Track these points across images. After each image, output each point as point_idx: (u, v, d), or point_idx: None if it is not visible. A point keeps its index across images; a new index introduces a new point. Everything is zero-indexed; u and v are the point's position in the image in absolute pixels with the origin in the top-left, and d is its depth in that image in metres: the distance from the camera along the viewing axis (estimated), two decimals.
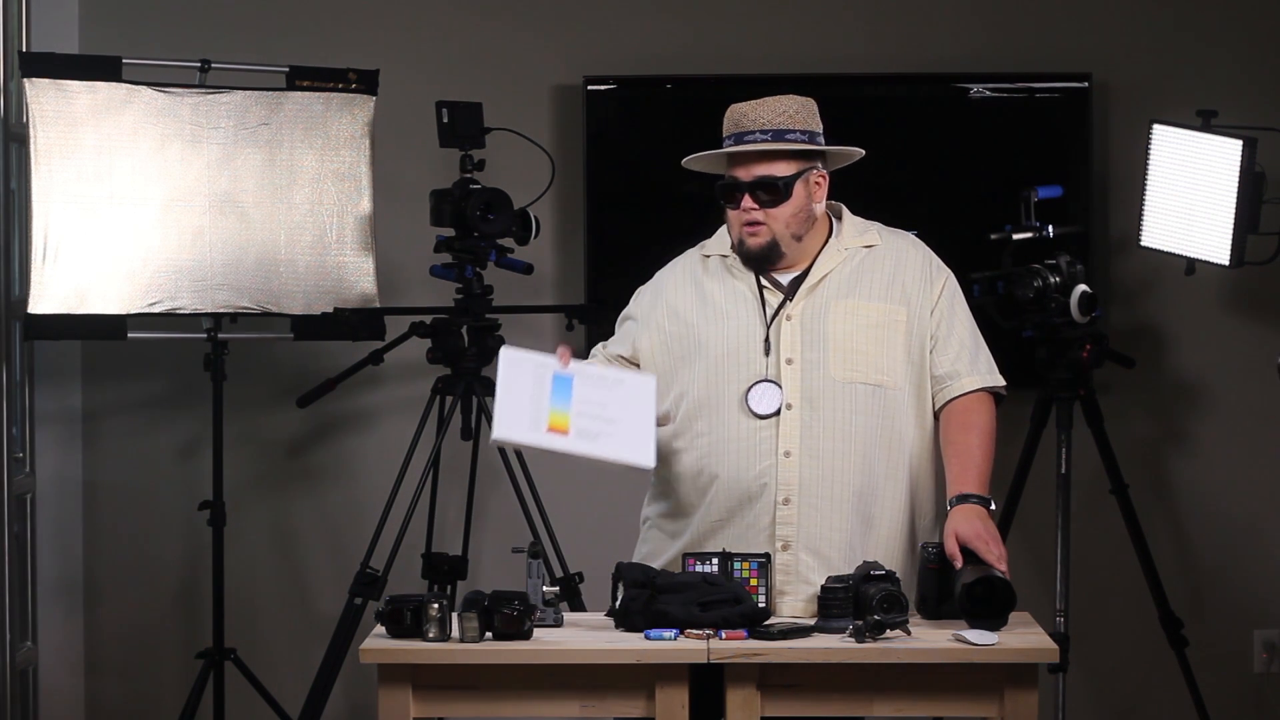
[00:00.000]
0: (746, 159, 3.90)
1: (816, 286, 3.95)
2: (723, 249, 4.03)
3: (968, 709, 3.60)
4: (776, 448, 3.88)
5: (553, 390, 3.80)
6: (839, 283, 3.95)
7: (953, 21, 5.86)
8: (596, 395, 3.82)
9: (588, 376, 3.85)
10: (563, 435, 3.78)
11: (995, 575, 3.66)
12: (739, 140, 3.91)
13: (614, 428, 3.81)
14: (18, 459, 5.41)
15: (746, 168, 3.90)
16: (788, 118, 3.91)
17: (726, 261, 4.00)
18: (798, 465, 3.87)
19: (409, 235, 5.61)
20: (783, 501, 3.87)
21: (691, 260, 4.07)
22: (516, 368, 3.82)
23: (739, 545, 3.85)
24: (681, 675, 3.55)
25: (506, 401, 3.77)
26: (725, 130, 3.95)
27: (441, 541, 5.52)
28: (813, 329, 3.91)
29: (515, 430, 3.77)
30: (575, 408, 3.80)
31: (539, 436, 3.77)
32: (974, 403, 3.96)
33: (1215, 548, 5.87)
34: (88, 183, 5.21)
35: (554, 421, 3.78)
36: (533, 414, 3.77)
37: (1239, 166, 5.25)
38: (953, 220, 5.65)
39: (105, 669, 5.86)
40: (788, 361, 3.90)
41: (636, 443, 3.81)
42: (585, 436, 3.78)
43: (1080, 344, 5.21)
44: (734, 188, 3.91)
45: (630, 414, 3.83)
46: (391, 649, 3.59)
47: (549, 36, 5.86)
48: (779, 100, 3.93)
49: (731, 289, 3.98)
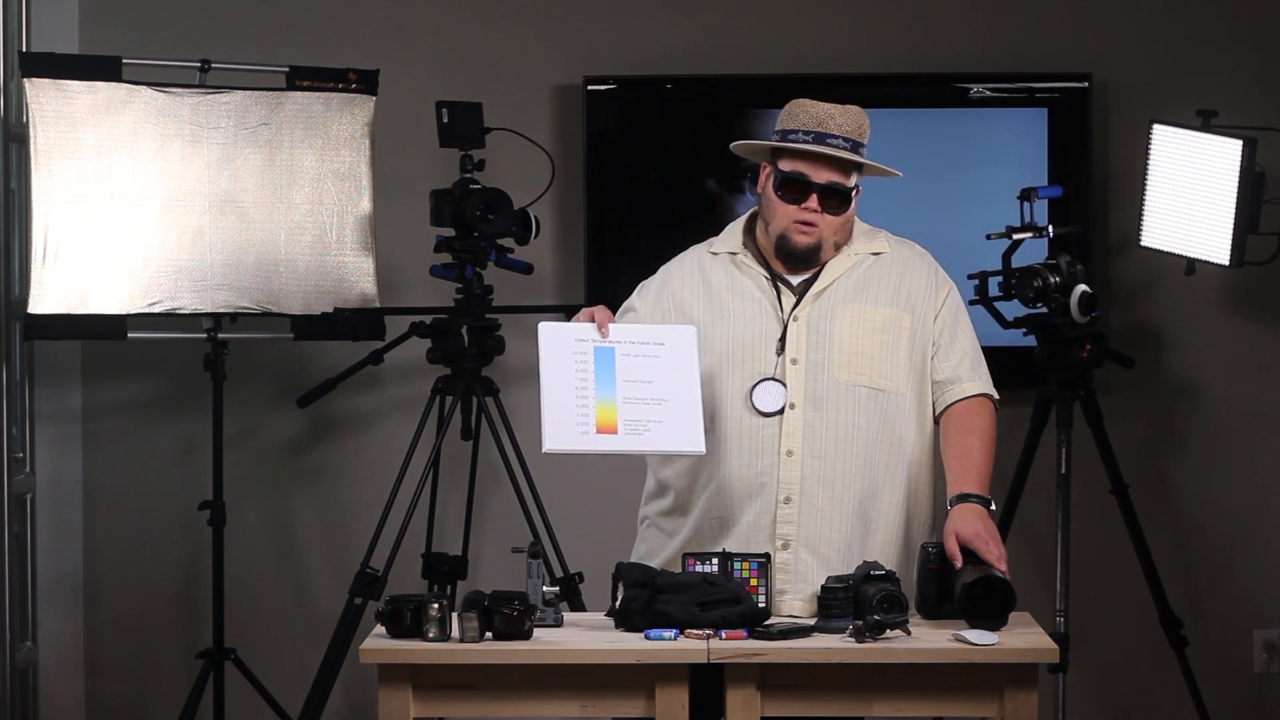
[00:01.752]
0: (821, 161, 3.89)
1: (825, 290, 3.95)
2: (731, 246, 4.03)
3: (968, 709, 3.60)
4: (779, 446, 3.88)
5: (596, 370, 3.82)
6: (846, 288, 3.96)
7: (953, 21, 5.86)
8: (641, 371, 3.84)
9: (629, 344, 3.86)
10: (612, 435, 3.80)
11: (995, 575, 3.66)
12: (819, 140, 3.89)
13: (662, 411, 3.82)
14: (18, 459, 5.40)
15: (819, 169, 3.89)
16: (861, 131, 3.94)
17: (735, 259, 4.01)
18: (799, 464, 3.87)
19: (409, 235, 5.61)
20: (784, 500, 3.87)
21: (699, 256, 4.07)
22: (557, 343, 3.82)
23: (739, 543, 3.85)
24: (681, 675, 3.55)
25: (552, 400, 3.78)
26: (795, 123, 3.92)
27: (441, 541, 5.52)
28: (819, 331, 3.92)
29: (566, 438, 3.77)
30: (621, 392, 3.81)
31: (590, 441, 3.79)
32: (975, 406, 3.96)
33: (1215, 548, 5.87)
34: (88, 183, 5.21)
35: (602, 418, 3.80)
36: (579, 413, 3.79)
37: (1239, 166, 5.25)
38: (953, 220, 5.65)
39: (105, 669, 5.85)
40: (793, 362, 3.91)
41: (686, 427, 3.82)
42: (635, 432, 3.80)
43: (1080, 344, 5.21)
44: (804, 185, 3.90)
45: (676, 388, 3.83)
46: (391, 649, 3.59)
47: (549, 36, 5.86)
48: (858, 111, 3.95)
49: (740, 286, 3.98)
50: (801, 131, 3.91)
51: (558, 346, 3.85)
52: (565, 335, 3.87)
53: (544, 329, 3.87)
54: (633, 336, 3.89)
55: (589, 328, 3.88)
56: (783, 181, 3.92)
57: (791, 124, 3.93)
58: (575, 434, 3.78)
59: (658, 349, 3.88)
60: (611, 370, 3.84)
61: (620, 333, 3.88)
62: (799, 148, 3.90)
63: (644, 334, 3.91)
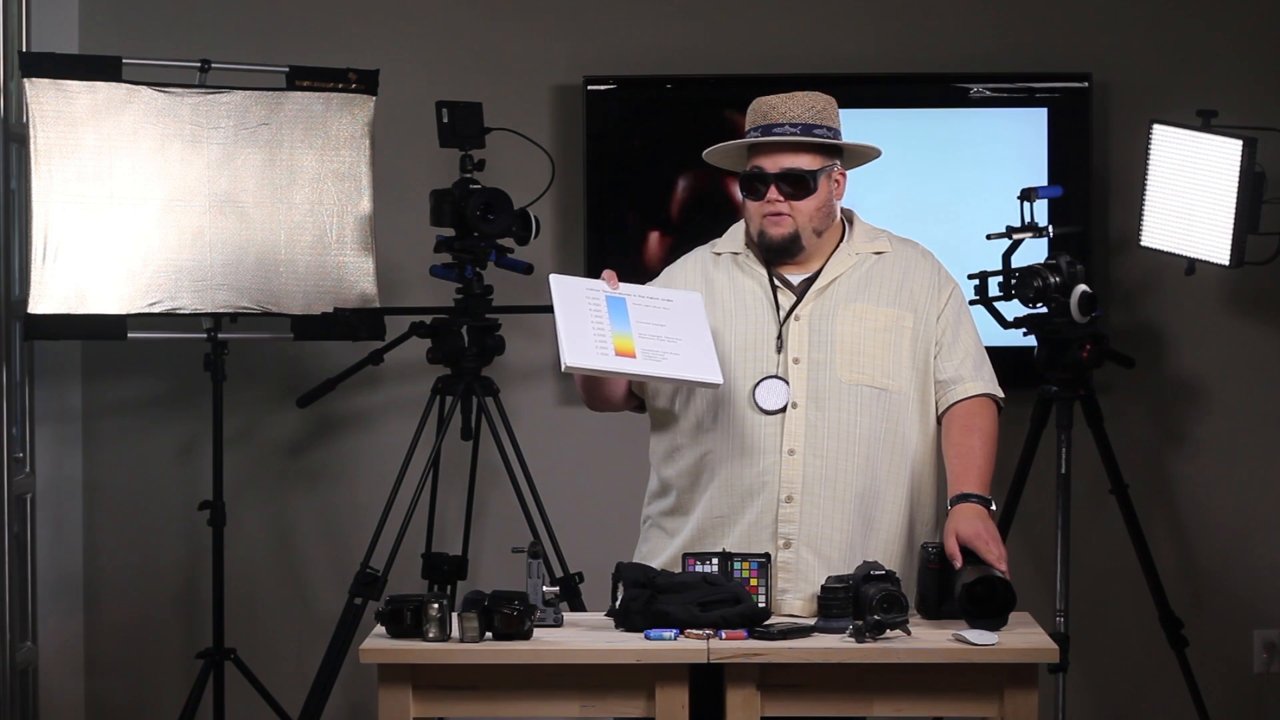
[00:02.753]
0: (773, 151, 3.92)
1: (826, 289, 3.96)
2: (734, 247, 4.04)
3: (968, 709, 3.60)
4: (781, 445, 3.88)
5: (610, 312, 3.84)
6: (849, 287, 3.96)
7: (953, 21, 5.86)
8: (652, 316, 3.87)
9: (639, 297, 3.90)
10: (630, 358, 3.80)
11: (995, 575, 3.66)
12: (766, 132, 3.93)
13: (677, 347, 3.84)
14: (18, 459, 5.40)
15: (773, 159, 3.92)
16: (815, 113, 3.95)
17: (738, 259, 4.01)
18: (801, 463, 3.87)
19: (409, 235, 5.61)
20: (785, 499, 3.87)
21: (702, 257, 4.08)
22: (569, 290, 3.85)
23: (740, 542, 3.86)
24: (681, 675, 3.55)
25: (569, 327, 3.80)
26: (750, 123, 3.97)
27: (441, 541, 5.52)
28: (821, 330, 3.92)
29: (585, 356, 3.77)
30: (636, 329, 3.83)
31: (609, 360, 3.79)
32: (977, 407, 3.97)
33: (1215, 548, 5.87)
34: (88, 183, 5.21)
35: (619, 345, 3.81)
36: (597, 338, 3.80)
37: (1239, 166, 5.25)
38: (953, 220, 5.66)
39: (105, 669, 5.85)
40: (795, 361, 3.91)
41: (702, 361, 3.83)
42: (652, 358, 3.81)
43: (1080, 344, 5.21)
44: (759, 179, 3.92)
45: (688, 332, 3.86)
46: (391, 649, 3.59)
47: (549, 36, 5.86)
48: (806, 96, 3.97)
49: (742, 286, 3.99)
50: (753, 130, 3.96)
51: (570, 291, 3.88)
52: (576, 284, 3.91)
53: (555, 279, 3.90)
54: (641, 292, 3.93)
55: (598, 281, 3.92)
56: (743, 182, 3.96)
57: (749, 120, 3.99)
58: (594, 353, 3.78)
59: (666, 304, 3.92)
60: (625, 314, 3.86)
61: (629, 288, 3.92)
62: (746, 142, 3.94)
63: (652, 292, 3.95)
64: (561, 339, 3.79)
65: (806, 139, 3.92)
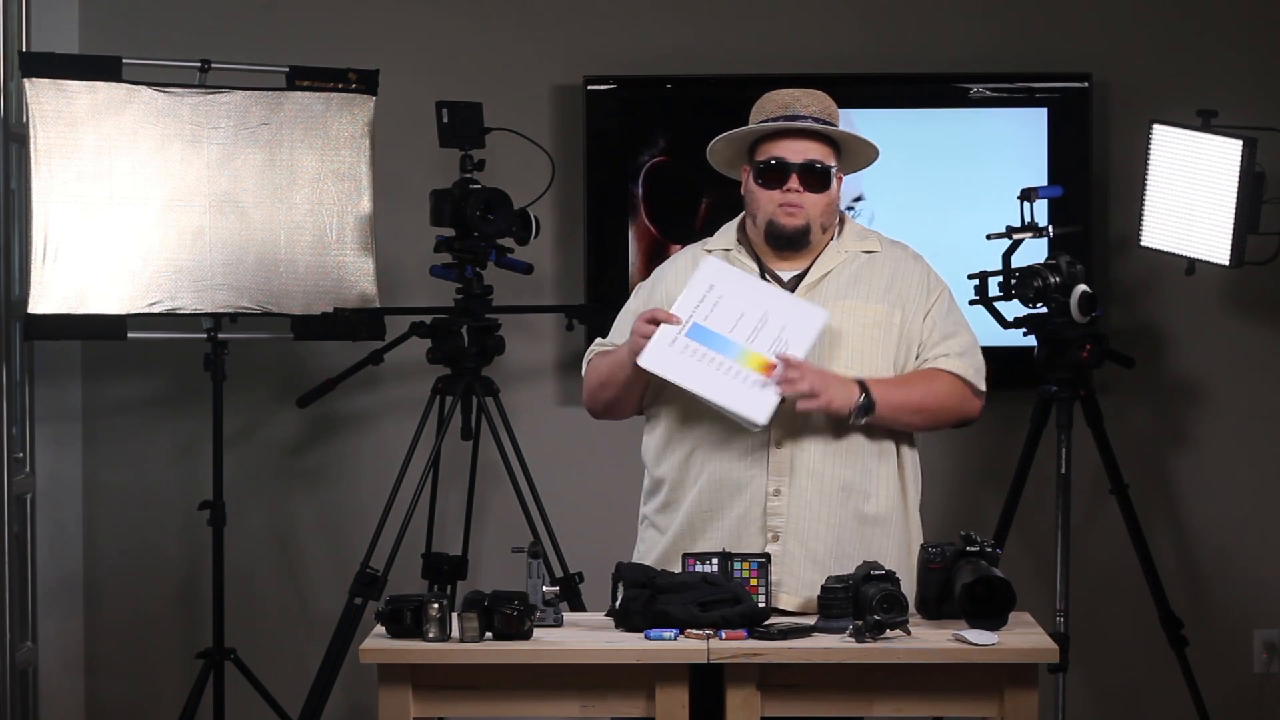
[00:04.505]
0: (795, 142, 3.94)
1: (818, 285, 3.97)
2: (725, 244, 4.05)
3: (968, 709, 3.60)
4: (769, 440, 3.89)
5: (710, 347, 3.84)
6: (839, 283, 3.97)
7: (953, 21, 5.86)
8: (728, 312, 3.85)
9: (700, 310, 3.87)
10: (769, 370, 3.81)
11: (995, 575, 3.66)
12: (792, 121, 3.95)
13: (774, 320, 3.84)
14: (18, 459, 5.40)
15: (797, 150, 3.94)
16: (831, 113, 4.00)
17: (729, 255, 4.02)
18: (789, 457, 3.88)
19: (409, 235, 5.61)
20: (773, 493, 3.88)
21: (693, 255, 4.09)
22: (664, 359, 3.84)
23: (729, 536, 3.86)
24: (681, 675, 3.55)
25: (721, 396, 3.82)
26: (768, 112, 3.99)
27: (441, 541, 5.52)
28: None
29: (762, 403, 3.80)
30: (740, 338, 3.84)
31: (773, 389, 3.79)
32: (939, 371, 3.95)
33: (1215, 548, 5.87)
34: (88, 183, 5.21)
35: (756, 366, 3.81)
36: (744, 382, 3.81)
37: (1239, 166, 5.25)
38: (953, 220, 5.65)
39: (105, 669, 5.86)
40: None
41: (800, 311, 3.86)
42: (785, 346, 3.81)
43: (1080, 344, 5.21)
44: (781, 168, 3.93)
45: (758, 298, 3.87)
46: (391, 649, 3.59)
47: (549, 36, 5.86)
48: (822, 94, 4.02)
49: None
50: (771, 119, 3.97)
51: (668, 360, 3.85)
52: (660, 348, 3.85)
53: (646, 360, 3.85)
54: (691, 303, 3.89)
55: (665, 329, 3.87)
56: (762, 170, 3.95)
57: (762, 115, 4.00)
58: (762, 395, 3.79)
59: (713, 292, 3.89)
60: (714, 335, 3.85)
61: (683, 309, 3.88)
62: (773, 126, 3.95)
63: (693, 295, 3.90)
64: (730, 410, 3.82)
65: (829, 128, 3.96)
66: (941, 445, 5.68)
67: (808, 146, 3.95)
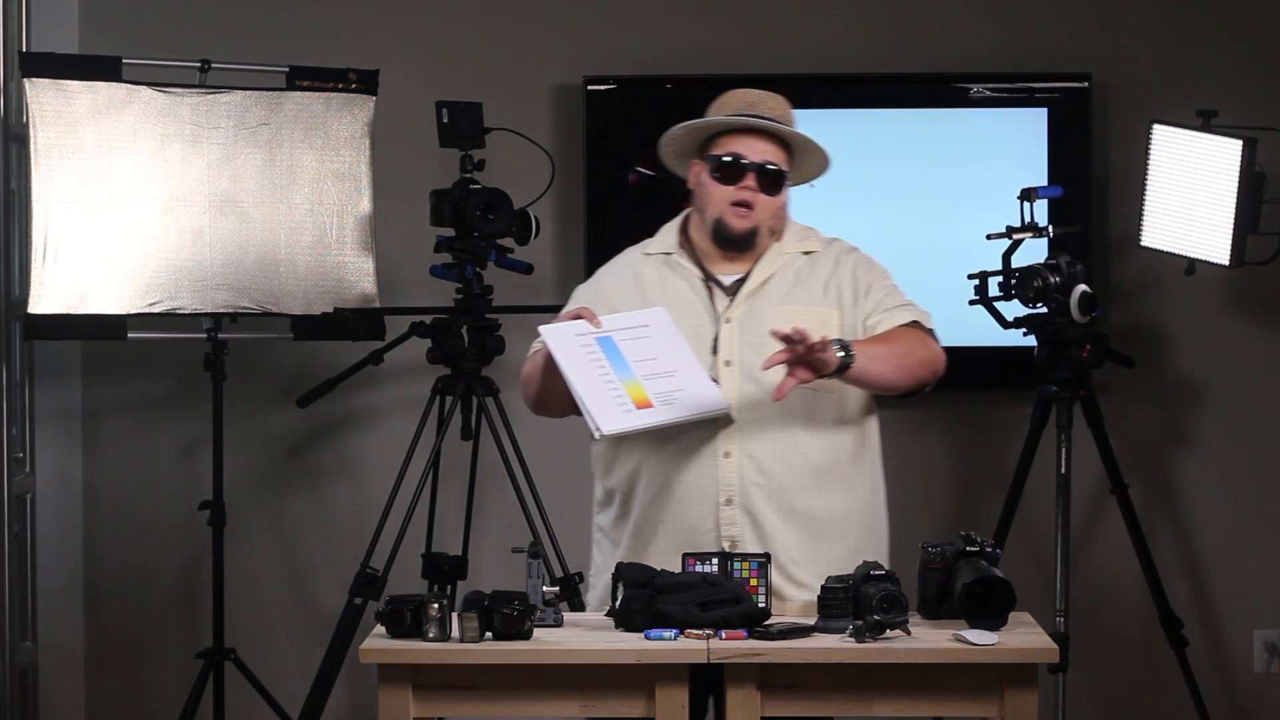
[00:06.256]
0: (754, 142, 3.92)
1: (759, 290, 3.95)
2: (665, 247, 4.02)
3: (968, 709, 3.60)
4: (716, 448, 3.88)
5: (608, 358, 3.85)
6: (780, 288, 3.95)
7: (953, 21, 5.86)
8: (643, 350, 3.87)
9: (622, 332, 3.89)
10: (650, 410, 3.82)
11: (995, 575, 3.66)
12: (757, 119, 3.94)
13: (678, 380, 3.84)
14: (18, 459, 5.40)
15: (755, 149, 3.93)
16: (790, 118, 4.00)
17: (669, 259, 4.00)
18: (738, 466, 3.87)
19: (409, 235, 5.61)
20: (725, 502, 3.87)
21: (632, 258, 4.07)
22: (565, 343, 3.85)
23: (684, 546, 3.84)
24: (681, 675, 3.55)
25: (586, 390, 3.81)
26: (730, 109, 3.98)
27: (441, 541, 5.52)
28: (753, 332, 3.90)
29: (614, 419, 3.80)
30: (638, 373, 3.84)
31: (635, 418, 3.81)
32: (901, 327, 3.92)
33: (1215, 548, 5.87)
34: (88, 183, 5.21)
35: (634, 396, 3.82)
36: (614, 395, 3.82)
37: (1239, 166, 5.25)
38: (953, 220, 5.66)
39: (105, 669, 5.85)
40: (726, 364, 3.90)
41: (705, 390, 3.85)
42: (666, 402, 3.82)
43: (1080, 344, 5.21)
44: (739, 165, 3.92)
45: (676, 358, 3.86)
46: (391, 649, 3.59)
47: (549, 36, 5.86)
48: (781, 98, 4.01)
49: (674, 288, 3.97)
50: (736, 115, 3.96)
51: (566, 343, 3.87)
52: (567, 332, 3.89)
53: (546, 331, 3.89)
54: (620, 324, 3.91)
55: (582, 323, 3.89)
56: (718, 165, 3.93)
57: (723, 111, 3.99)
58: (620, 414, 3.80)
59: (644, 330, 3.90)
60: (619, 355, 3.86)
61: (609, 322, 3.91)
62: (735, 120, 3.94)
63: (627, 320, 3.93)
64: (586, 405, 3.80)
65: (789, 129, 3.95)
66: (941, 445, 5.69)
67: (766, 148, 3.93)
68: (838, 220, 5.62)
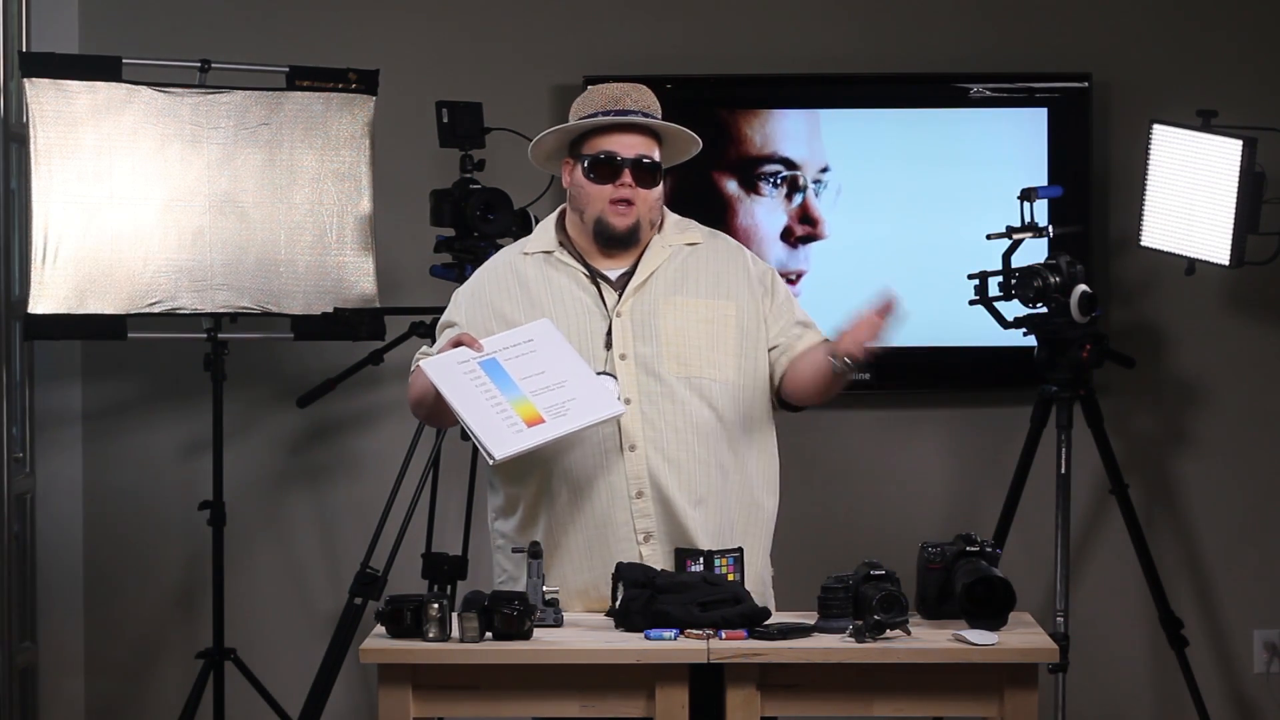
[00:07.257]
0: (625, 137, 3.92)
1: (644, 285, 3.94)
2: (545, 245, 4.00)
3: (968, 709, 3.60)
4: (620, 443, 3.87)
5: (493, 380, 3.81)
6: (666, 281, 3.95)
7: (953, 21, 5.86)
8: (528, 367, 3.83)
9: (506, 351, 3.85)
10: (542, 425, 3.77)
11: (995, 575, 3.66)
12: (621, 115, 3.93)
13: (569, 390, 3.80)
14: (18, 459, 5.41)
15: (628, 145, 3.92)
16: (656, 108, 3.98)
17: (550, 257, 3.99)
18: (644, 459, 3.86)
19: (409, 235, 5.61)
20: (635, 495, 3.86)
21: (510, 257, 4.05)
22: (447, 374, 3.81)
23: (597, 542, 3.85)
24: (681, 675, 3.55)
25: (474, 417, 3.76)
26: (596, 106, 3.96)
27: (441, 541, 5.52)
28: (645, 325, 3.91)
29: (506, 442, 3.75)
30: (525, 388, 3.80)
31: (527, 436, 3.76)
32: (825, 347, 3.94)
33: (1216, 547, 5.87)
34: (88, 183, 5.21)
35: (524, 414, 3.77)
36: (502, 417, 3.77)
37: (1239, 166, 5.25)
38: (953, 220, 5.66)
39: (105, 669, 5.85)
40: (621, 357, 3.89)
41: (598, 396, 3.81)
42: (558, 414, 3.78)
43: (1080, 344, 5.21)
44: (613, 162, 3.91)
45: (565, 368, 3.83)
46: (391, 649, 3.59)
47: (549, 36, 5.86)
48: (645, 88, 4.00)
49: (557, 285, 3.96)
50: (600, 112, 3.95)
51: (448, 373, 3.82)
52: (448, 362, 3.84)
53: (426, 365, 3.85)
54: (503, 343, 3.87)
55: (463, 350, 3.85)
56: (592, 164, 3.92)
57: (588, 109, 3.97)
58: (511, 436, 3.75)
59: (529, 345, 3.86)
60: (505, 375, 3.82)
61: (491, 343, 3.86)
62: (603, 121, 3.92)
63: (510, 338, 3.88)
64: (476, 434, 3.75)
65: (658, 122, 3.93)
66: (941, 445, 5.68)
67: (637, 141, 3.92)
68: (838, 220, 5.66)
